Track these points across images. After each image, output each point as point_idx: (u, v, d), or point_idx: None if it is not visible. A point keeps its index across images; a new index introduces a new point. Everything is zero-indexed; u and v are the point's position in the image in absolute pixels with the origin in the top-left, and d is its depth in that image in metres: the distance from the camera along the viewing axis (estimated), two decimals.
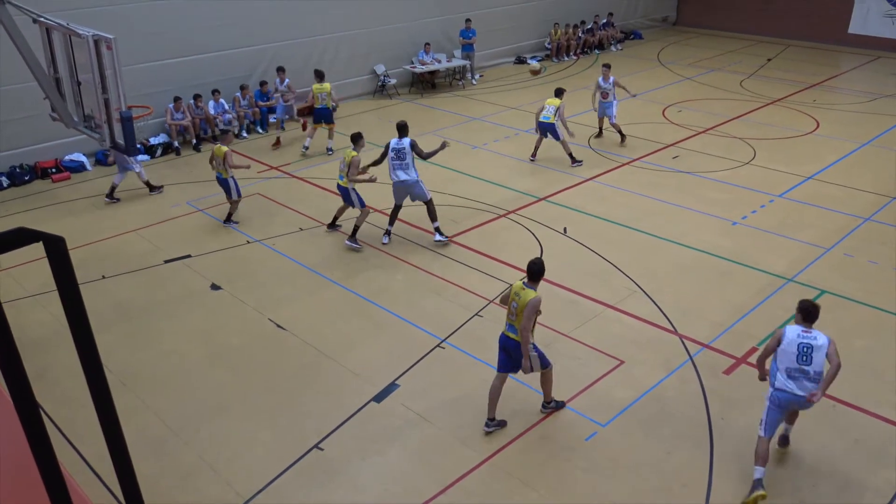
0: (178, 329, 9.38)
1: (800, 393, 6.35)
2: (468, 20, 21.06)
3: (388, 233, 11.49)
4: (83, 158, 14.99)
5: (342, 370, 8.45)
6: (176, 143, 15.88)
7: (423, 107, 19.29)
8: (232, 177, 11.91)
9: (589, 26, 24.96)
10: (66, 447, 7.03)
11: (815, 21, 25.91)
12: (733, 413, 7.62)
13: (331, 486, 6.78)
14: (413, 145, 11.03)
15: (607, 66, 15.30)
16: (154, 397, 8.03)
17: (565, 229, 11.78)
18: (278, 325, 9.36)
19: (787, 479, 6.74)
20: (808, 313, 6.41)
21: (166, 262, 11.04)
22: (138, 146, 15.10)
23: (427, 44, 20.66)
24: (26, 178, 14.33)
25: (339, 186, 11.50)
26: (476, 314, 9.49)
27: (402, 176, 11.05)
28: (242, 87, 17.00)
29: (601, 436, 7.34)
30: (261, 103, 17.27)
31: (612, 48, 25.38)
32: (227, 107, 16.76)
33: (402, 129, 11.20)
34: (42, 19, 9.51)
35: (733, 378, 8.18)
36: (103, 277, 10.53)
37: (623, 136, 15.71)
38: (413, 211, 12.51)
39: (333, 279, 10.47)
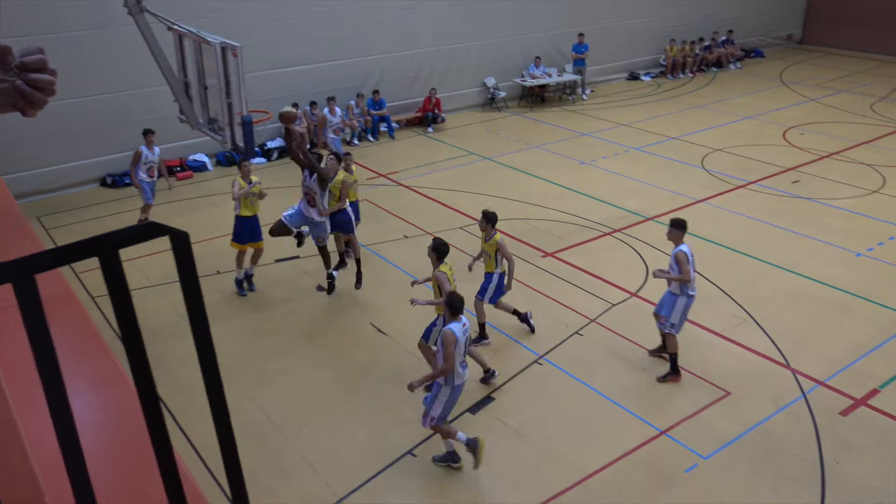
0: (283, 327, 9.69)
1: None
2: (581, 34, 20.85)
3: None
4: (205, 159, 15.81)
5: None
6: None
7: (532, 120, 19.22)
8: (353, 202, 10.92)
9: (707, 43, 24.20)
10: (176, 431, 7.38)
11: None
12: (849, 457, 7.13)
13: (422, 493, 6.81)
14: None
15: (680, 224, 8.12)
16: (259, 392, 8.32)
17: None
18: (379, 330, 9.50)
19: None
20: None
21: (277, 261, 11.44)
22: (255, 149, 15.81)
23: (538, 57, 20.59)
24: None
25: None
26: (576, 332, 9.32)
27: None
28: (359, 95, 17.48)
29: (702, 469, 7.04)
30: (373, 112, 17.68)
31: (731, 66, 24.50)
32: (340, 114, 17.25)
33: None
34: (176, 27, 10.08)
35: (851, 419, 7.66)
36: (218, 273, 11.02)
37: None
38: (515, 225, 12.47)
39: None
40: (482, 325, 9.17)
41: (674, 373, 8.31)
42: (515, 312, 9.27)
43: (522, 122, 19.05)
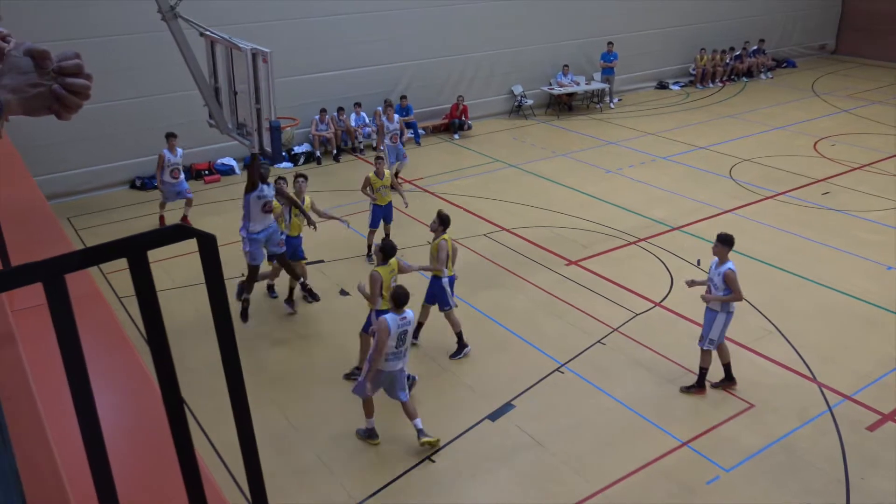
0: (306, 330, 9.76)
1: None
2: (610, 43, 20.75)
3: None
4: (233, 163, 15.98)
5: (459, 384, 8.48)
6: (318, 153, 16.61)
7: (559, 129, 19.17)
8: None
9: (738, 53, 23.96)
10: (197, 432, 7.44)
11: None
12: (875, 473, 7.01)
13: (439, 498, 6.80)
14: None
15: (727, 240, 8.09)
16: (279, 393, 8.37)
17: (699, 261, 11.28)
18: None
19: None
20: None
21: None
22: (283, 154, 15.95)
23: (566, 65, 20.53)
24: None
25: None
26: (598, 341, 9.27)
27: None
28: (386, 101, 17.53)
29: (724, 481, 6.96)
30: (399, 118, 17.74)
31: (762, 76, 24.25)
32: (367, 120, 17.35)
33: None
34: (208, 33, 10.20)
35: (878, 435, 7.53)
36: (243, 275, 11.10)
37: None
38: (539, 232, 12.45)
39: (457, 294, 10.52)
40: (459, 334, 9.07)
41: (699, 386, 8.23)
42: (420, 326, 9.09)
43: (549, 130, 19.01)
